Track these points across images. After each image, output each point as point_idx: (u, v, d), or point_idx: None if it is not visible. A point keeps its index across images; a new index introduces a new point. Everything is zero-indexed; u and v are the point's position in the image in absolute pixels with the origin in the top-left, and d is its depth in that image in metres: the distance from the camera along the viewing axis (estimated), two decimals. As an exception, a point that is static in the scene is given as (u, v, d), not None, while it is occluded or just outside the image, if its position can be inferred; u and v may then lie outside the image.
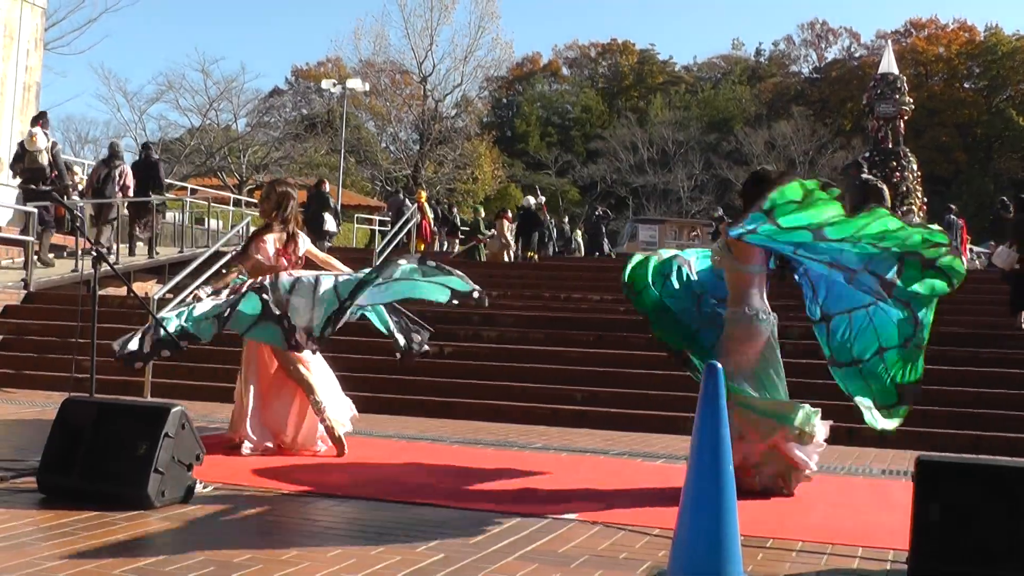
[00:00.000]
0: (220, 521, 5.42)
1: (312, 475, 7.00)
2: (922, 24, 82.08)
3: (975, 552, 4.42)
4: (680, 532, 4.29)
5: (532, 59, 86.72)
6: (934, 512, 4.50)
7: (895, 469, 8.36)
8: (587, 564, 4.73)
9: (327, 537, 5.12)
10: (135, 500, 5.54)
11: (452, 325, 14.10)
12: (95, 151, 57.48)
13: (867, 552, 5.15)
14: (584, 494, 6.65)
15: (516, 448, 8.95)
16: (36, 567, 4.29)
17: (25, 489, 5.96)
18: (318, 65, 79.41)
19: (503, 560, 4.74)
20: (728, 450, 4.32)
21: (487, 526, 5.51)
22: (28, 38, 18.75)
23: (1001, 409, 10.96)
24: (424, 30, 58.63)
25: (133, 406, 6.24)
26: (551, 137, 78.29)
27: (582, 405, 11.49)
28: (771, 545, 5.22)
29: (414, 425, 10.37)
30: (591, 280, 18.84)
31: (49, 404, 10.18)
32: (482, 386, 12.12)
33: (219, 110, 54.76)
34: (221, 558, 4.57)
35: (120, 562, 4.41)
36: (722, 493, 4.24)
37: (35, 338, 13.86)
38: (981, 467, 4.72)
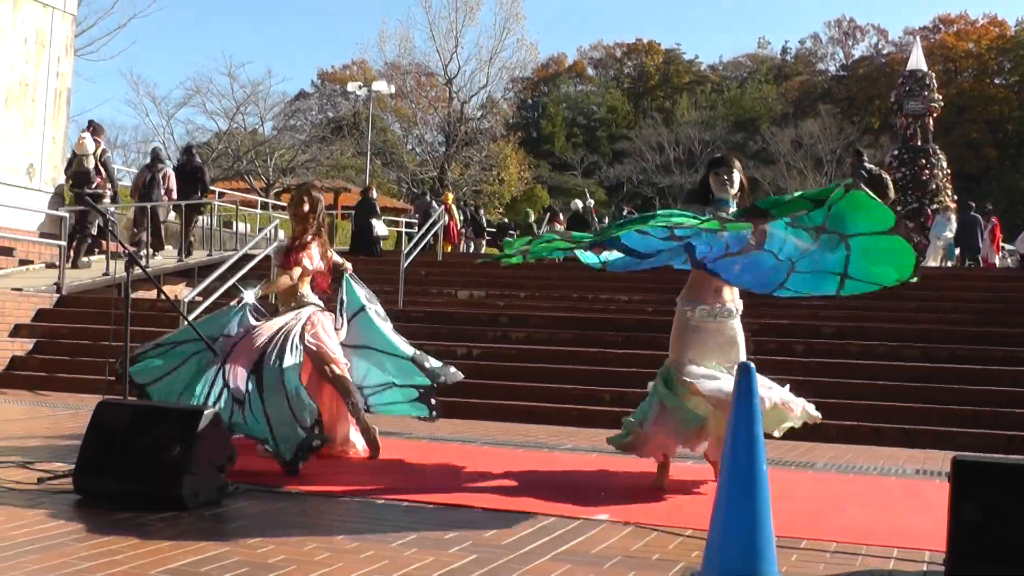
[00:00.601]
0: (253, 522, 5.44)
1: (344, 476, 7.03)
2: (951, 19, 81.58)
3: (1013, 553, 4.38)
4: (714, 533, 4.28)
5: (557, 60, 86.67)
6: (971, 512, 4.47)
7: (928, 469, 8.32)
8: (620, 565, 4.73)
9: (361, 537, 5.13)
10: (169, 501, 5.57)
11: (480, 327, 14.13)
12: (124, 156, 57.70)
13: (902, 553, 5.12)
14: (615, 495, 6.65)
15: (546, 449, 8.96)
16: (72, 568, 4.32)
17: (61, 490, 6.00)
18: (343, 68, 79.64)
19: (536, 561, 4.74)
20: (762, 449, 4.31)
21: (519, 527, 5.52)
22: (59, 45, 18.88)
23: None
24: (449, 32, 58.70)
25: (166, 408, 6.28)
26: (577, 138, 78.23)
27: (611, 406, 11.47)
28: (805, 546, 5.20)
29: (444, 427, 10.36)
30: (619, 281, 18.79)
31: (82, 407, 10.25)
32: (511, 387, 12.12)
33: (246, 114, 54.91)
34: (255, 559, 4.59)
35: (155, 563, 4.44)
36: (756, 493, 4.23)
37: (68, 341, 13.95)
38: (1019, 467, 4.69)
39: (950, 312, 14.50)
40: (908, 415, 10.80)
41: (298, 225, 8.12)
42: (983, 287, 16.88)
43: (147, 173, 19.52)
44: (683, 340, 6.91)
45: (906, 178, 25.14)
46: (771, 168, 66.89)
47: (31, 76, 18.22)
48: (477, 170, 59.04)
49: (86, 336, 13.77)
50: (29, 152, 18.14)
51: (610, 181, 72.11)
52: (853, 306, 13.62)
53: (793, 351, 12.46)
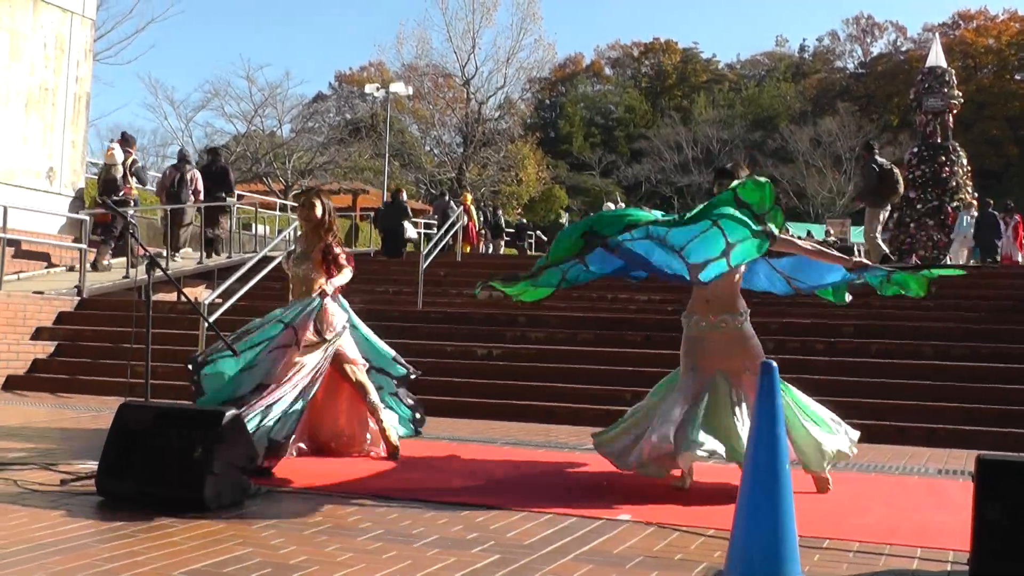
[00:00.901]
0: (275, 523, 5.45)
1: (366, 478, 7.03)
2: (971, 16, 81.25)
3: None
4: (736, 533, 4.27)
5: (574, 60, 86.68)
6: (996, 512, 4.44)
7: (951, 468, 8.29)
8: (642, 565, 4.72)
9: (382, 539, 5.14)
10: (191, 503, 5.59)
11: (500, 327, 14.12)
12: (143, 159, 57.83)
13: (926, 553, 5.10)
14: (637, 495, 6.64)
15: (567, 449, 8.96)
16: (95, 569, 4.34)
17: (84, 492, 6.03)
18: (361, 70, 79.79)
19: (558, 561, 4.74)
20: (785, 449, 4.30)
21: (541, 527, 5.52)
22: (78, 50, 18.94)
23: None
24: (466, 33, 58.68)
25: (188, 410, 6.30)
26: (595, 138, 78.18)
27: (631, 405, 11.44)
28: (828, 546, 5.19)
29: (464, 427, 10.39)
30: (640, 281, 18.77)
31: (104, 409, 10.29)
32: (530, 388, 12.11)
33: (264, 116, 55.02)
34: (277, 559, 4.60)
35: (177, 564, 4.45)
36: (779, 493, 4.23)
37: (89, 344, 13.99)
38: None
39: (970, 310, 14.42)
40: (930, 414, 10.75)
41: (315, 229, 8.13)
42: (1005, 284, 16.78)
43: (174, 173, 19.80)
44: (683, 350, 7.35)
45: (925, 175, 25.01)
46: (790, 166, 66.76)
47: (50, 80, 18.27)
48: (495, 171, 59.02)
49: (107, 339, 13.81)
50: (49, 156, 18.18)
51: (628, 181, 72.06)
52: (873, 305, 13.56)
53: (814, 350, 12.42)
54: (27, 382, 13.18)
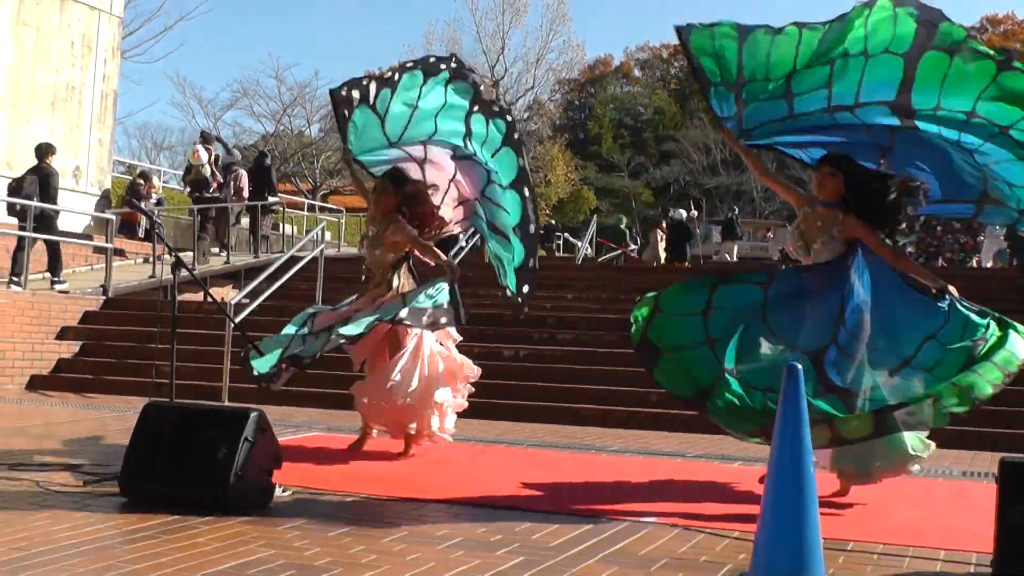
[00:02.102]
0: (299, 525, 5.44)
1: (390, 479, 7.02)
2: (998, 20, 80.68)
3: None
4: (761, 535, 4.24)
5: (604, 61, 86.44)
6: (1019, 514, 4.42)
7: (975, 471, 8.23)
8: (667, 567, 4.69)
9: (406, 541, 5.12)
10: (215, 504, 5.58)
11: (526, 328, 14.09)
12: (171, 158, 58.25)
13: (949, 555, 5.08)
14: (663, 496, 6.62)
15: (593, 451, 8.93)
16: (119, 570, 4.33)
17: (107, 493, 6.03)
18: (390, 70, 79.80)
19: (583, 563, 4.71)
20: (809, 452, 4.26)
21: (566, 529, 5.49)
22: (105, 47, 19.05)
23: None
24: (496, 33, 58.69)
25: (213, 410, 6.29)
26: (623, 139, 77.96)
27: (658, 407, 11.41)
28: (852, 548, 5.15)
29: (490, 428, 10.37)
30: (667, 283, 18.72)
31: (129, 409, 10.31)
32: (557, 389, 12.09)
33: (293, 116, 55.15)
34: (301, 561, 4.59)
35: (200, 566, 4.44)
36: (803, 495, 4.19)
37: (114, 343, 14.04)
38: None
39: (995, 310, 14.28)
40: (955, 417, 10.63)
41: (386, 214, 8.16)
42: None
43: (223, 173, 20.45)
44: None
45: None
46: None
47: (77, 79, 18.39)
48: (524, 172, 58.94)
49: (132, 339, 13.85)
50: (75, 155, 18.30)
51: (657, 182, 71.86)
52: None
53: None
54: (51, 382, 13.22)
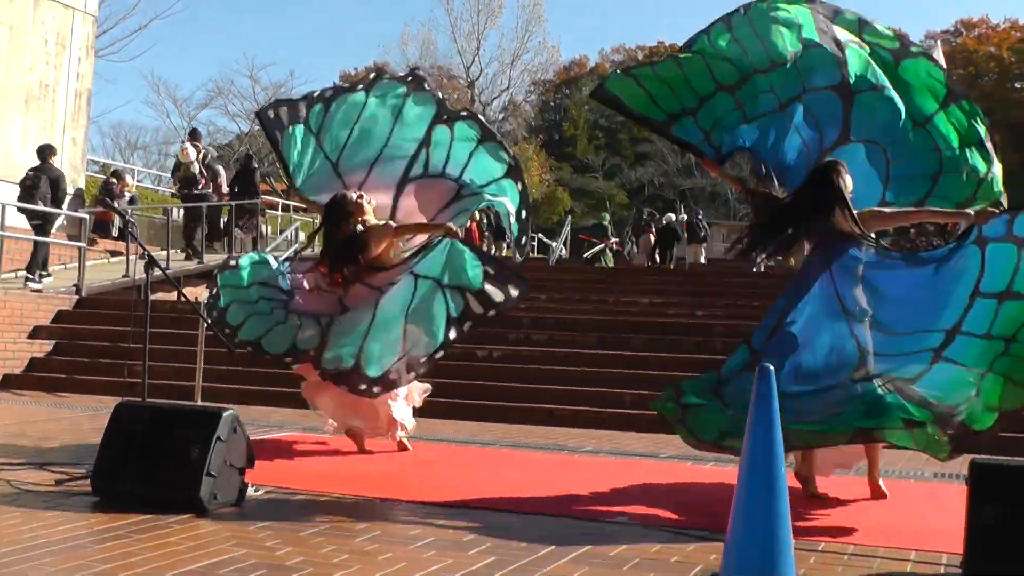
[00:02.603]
0: (272, 524, 5.43)
1: (363, 479, 7.01)
2: (972, 23, 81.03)
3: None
4: (732, 535, 4.26)
5: (579, 62, 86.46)
6: (988, 515, 4.45)
7: (947, 472, 8.26)
8: (639, 567, 4.71)
9: (378, 540, 5.12)
10: (187, 503, 5.57)
11: (502, 328, 14.09)
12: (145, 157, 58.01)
13: (920, 556, 5.10)
14: (635, 497, 6.63)
15: (566, 452, 8.94)
16: (90, 570, 4.32)
17: (79, 492, 6.01)
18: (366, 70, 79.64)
19: (555, 563, 4.73)
20: (780, 452, 4.28)
21: (538, 529, 5.50)
22: (79, 46, 18.97)
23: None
24: (471, 34, 58.80)
25: (185, 410, 6.27)
26: (598, 140, 78.03)
27: (632, 409, 11.44)
28: (823, 548, 5.18)
29: (464, 429, 10.37)
30: (640, 284, 18.79)
31: (102, 408, 10.27)
32: (532, 390, 12.09)
33: (267, 116, 54.97)
34: (273, 561, 4.58)
35: (172, 565, 4.43)
36: (774, 496, 4.21)
37: (87, 343, 13.98)
38: (1037, 469, 4.66)
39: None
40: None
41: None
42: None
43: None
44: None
45: (928, 181, 24.98)
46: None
47: (51, 77, 18.30)
48: (499, 174, 58.97)
49: (105, 338, 13.79)
50: (49, 154, 18.17)
51: (632, 184, 71.95)
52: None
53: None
54: (24, 381, 13.16)
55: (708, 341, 13.20)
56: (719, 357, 12.56)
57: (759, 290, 16.23)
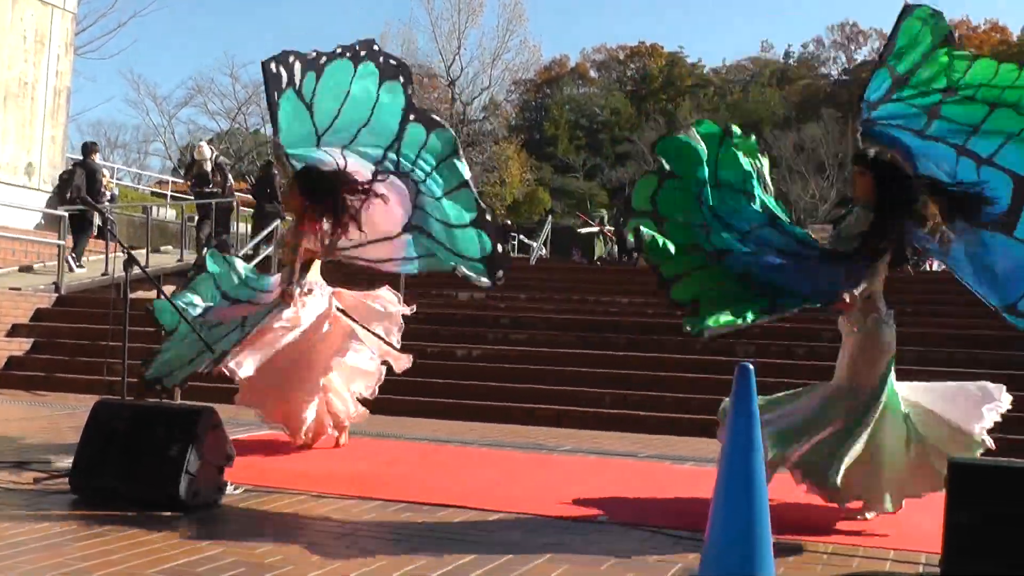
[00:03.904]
0: (251, 522, 5.43)
1: (342, 477, 7.01)
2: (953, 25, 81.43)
3: (1008, 556, 4.38)
4: (711, 534, 4.27)
5: (560, 62, 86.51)
6: (966, 515, 4.47)
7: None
8: (617, 566, 4.72)
9: (357, 538, 5.12)
10: (166, 501, 5.56)
11: (481, 328, 14.12)
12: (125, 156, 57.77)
13: (899, 555, 5.13)
14: (614, 497, 6.64)
15: (545, 451, 8.95)
16: (68, 568, 4.31)
17: (57, 491, 5.99)
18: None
19: (534, 562, 4.73)
20: (760, 452, 4.29)
21: (516, 528, 5.51)
22: (58, 43, 18.89)
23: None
24: (451, 33, 58.66)
25: (164, 409, 6.26)
26: (579, 140, 78.08)
27: (612, 408, 11.46)
28: (802, 547, 5.20)
29: (442, 428, 10.37)
30: (621, 283, 18.80)
31: (81, 407, 10.21)
32: (511, 389, 12.10)
33: (248, 114, 54.93)
34: (252, 559, 4.58)
35: (151, 563, 4.42)
36: (753, 495, 4.23)
37: (67, 341, 13.92)
38: (1015, 470, 4.68)
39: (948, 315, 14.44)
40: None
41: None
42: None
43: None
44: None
45: (907, 182, 25.11)
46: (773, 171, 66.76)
47: (30, 74, 18.21)
48: (479, 172, 58.96)
49: (85, 336, 13.73)
50: (28, 151, 18.13)
51: (612, 184, 72.00)
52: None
53: (795, 354, 12.43)
54: (3, 379, 13.07)
55: (688, 341, 13.19)
56: (699, 357, 12.63)
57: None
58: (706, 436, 9.81)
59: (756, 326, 12.70)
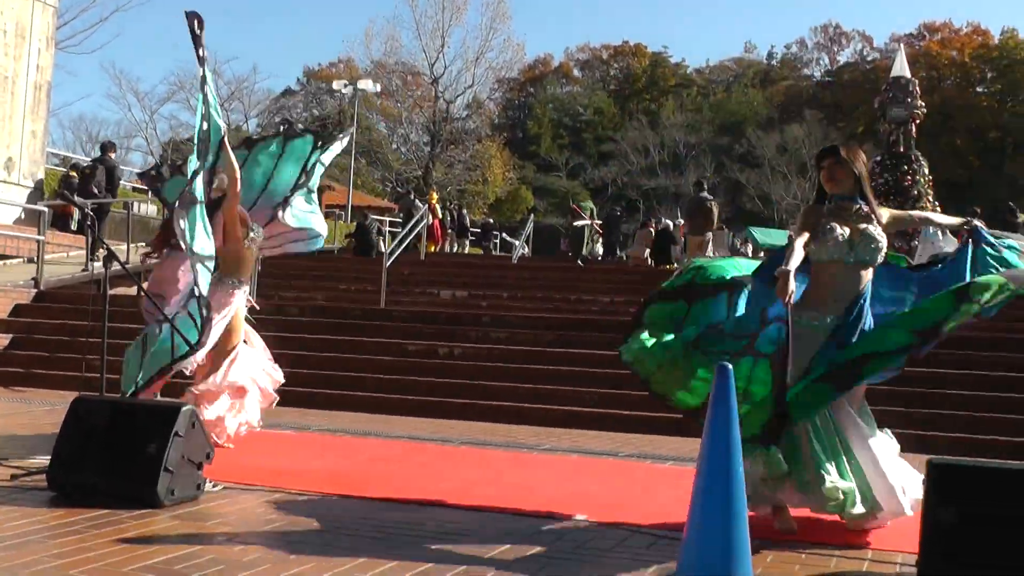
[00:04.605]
0: (229, 520, 5.42)
1: (320, 475, 7.00)
2: (936, 27, 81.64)
3: (985, 556, 4.39)
4: (690, 533, 4.28)
5: (544, 61, 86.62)
6: (944, 515, 4.49)
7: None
8: (596, 565, 4.73)
9: (336, 536, 5.12)
10: (145, 498, 5.54)
11: (462, 327, 14.11)
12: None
13: (876, 555, 5.15)
14: (594, 496, 6.65)
15: (526, 450, 8.95)
16: (45, 564, 4.30)
17: (35, 487, 5.96)
18: (330, 66, 79.43)
19: (511, 561, 4.73)
20: (738, 451, 4.30)
21: (494, 527, 5.51)
22: (39, 37, 18.81)
23: (1011, 413, 10.90)
24: (435, 31, 58.73)
25: (143, 405, 6.24)
26: (563, 139, 78.15)
27: (593, 407, 11.47)
28: (780, 547, 5.20)
29: (424, 426, 10.37)
30: (602, 282, 18.84)
31: (60, 403, 10.15)
32: (492, 388, 12.10)
33: (230, 110, 54.93)
34: (230, 556, 4.57)
35: (128, 560, 4.41)
36: (732, 495, 4.23)
37: (46, 337, 13.86)
38: (993, 470, 4.70)
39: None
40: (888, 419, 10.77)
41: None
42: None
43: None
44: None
45: (888, 184, 25.14)
46: (756, 172, 67.13)
47: (10, 68, 18.13)
48: (462, 170, 59.05)
49: (64, 332, 13.68)
50: (8, 146, 18.05)
51: (595, 183, 72.11)
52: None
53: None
54: (-19, 375, 13.03)
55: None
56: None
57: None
58: (686, 435, 9.84)
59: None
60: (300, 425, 9.71)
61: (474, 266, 23.10)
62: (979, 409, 11.02)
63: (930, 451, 9.37)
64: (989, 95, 77.92)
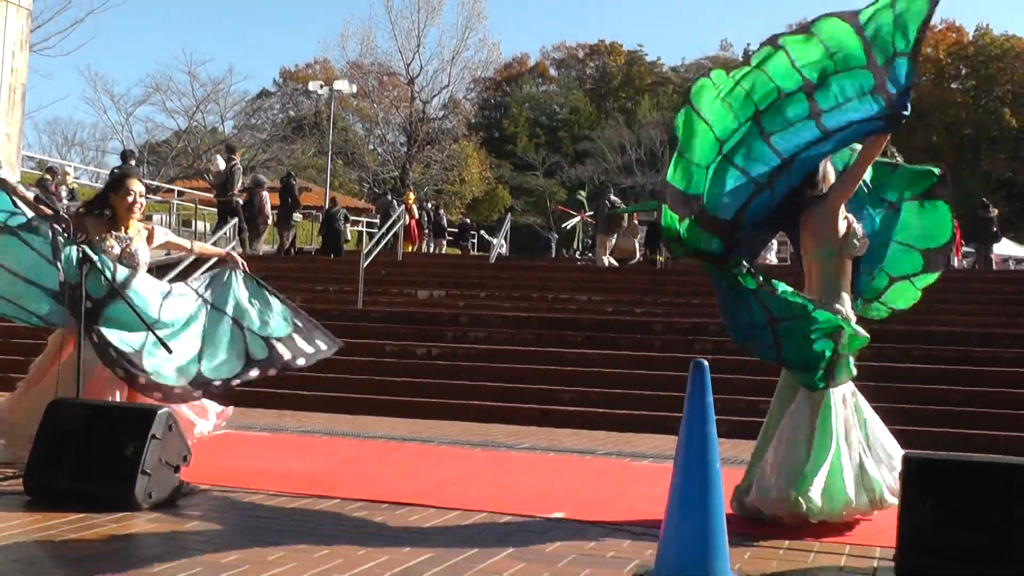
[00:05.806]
0: (207, 522, 5.41)
1: (298, 477, 6.98)
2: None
3: (962, 550, 4.42)
4: (667, 531, 4.28)
5: (520, 60, 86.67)
6: (921, 509, 4.51)
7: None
8: (574, 563, 4.73)
9: (315, 537, 5.11)
10: (122, 501, 5.52)
11: (440, 326, 14.12)
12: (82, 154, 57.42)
13: (854, 550, 5.16)
14: (571, 494, 6.65)
15: (503, 449, 8.95)
16: (21, 568, 4.28)
17: (11, 491, 5.93)
18: (306, 67, 79.26)
19: (490, 559, 4.74)
20: (715, 448, 4.31)
21: (474, 525, 5.52)
22: (13, 40, 18.67)
23: (991, 408, 10.96)
24: (411, 31, 58.66)
25: (120, 408, 6.23)
26: (539, 138, 78.18)
27: (570, 406, 11.48)
28: (758, 543, 5.22)
29: (402, 426, 10.36)
30: (579, 281, 18.85)
31: (36, 406, 10.14)
32: (470, 387, 12.10)
33: (206, 112, 54.77)
34: (208, 559, 4.56)
35: (106, 564, 4.40)
36: (709, 492, 4.24)
37: (22, 341, 13.80)
38: (969, 464, 4.73)
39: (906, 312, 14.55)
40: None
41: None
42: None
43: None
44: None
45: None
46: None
47: (-16, 71, 18.01)
48: (439, 170, 59.00)
49: (40, 335, 13.58)
50: (-18, 149, 17.92)
51: (572, 182, 72.12)
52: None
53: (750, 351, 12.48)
54: (-44, 379, 12.96)
55: (647, 339, 13.28)
56: (657, 355, 12.69)
57: (697, 288, 16.31)
58: (664, 433, 9.87)
59: (712, 323, 12.81)
60: (277, 427, 9.70)
61: (452, 266, 23.10)
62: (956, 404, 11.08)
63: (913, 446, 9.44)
64: (963, 91, 78.29)
